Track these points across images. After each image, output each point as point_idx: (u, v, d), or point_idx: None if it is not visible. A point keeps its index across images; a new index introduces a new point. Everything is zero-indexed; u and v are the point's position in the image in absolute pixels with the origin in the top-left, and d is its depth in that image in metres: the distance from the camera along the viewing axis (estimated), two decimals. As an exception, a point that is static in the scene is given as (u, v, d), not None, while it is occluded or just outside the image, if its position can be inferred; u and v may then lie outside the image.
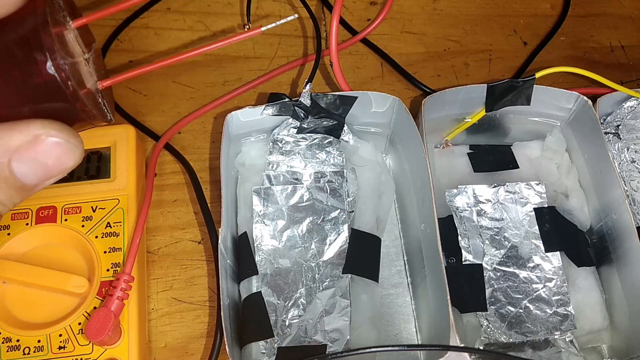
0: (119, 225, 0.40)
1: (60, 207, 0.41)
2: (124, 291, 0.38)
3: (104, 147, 0.43)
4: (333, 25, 0.42)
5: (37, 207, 0.41)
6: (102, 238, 0.40)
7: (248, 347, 0.39)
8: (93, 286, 0.39)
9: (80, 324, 0.38)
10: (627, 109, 0.47)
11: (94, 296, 0.38)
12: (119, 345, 0.38)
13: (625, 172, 0.46)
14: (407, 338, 0.43)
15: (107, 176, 0.42)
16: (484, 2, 0.58)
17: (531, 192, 0.44)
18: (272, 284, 0.41)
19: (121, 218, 0.41)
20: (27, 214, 0.40)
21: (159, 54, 0.53)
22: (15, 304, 0.38)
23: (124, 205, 0.41)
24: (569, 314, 0.41)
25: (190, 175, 0.46)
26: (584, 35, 0.56)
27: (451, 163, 0.47)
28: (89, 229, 0.40)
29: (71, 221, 0.40)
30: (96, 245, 0.40)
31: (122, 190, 0.42)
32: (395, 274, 0.45)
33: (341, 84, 0.44)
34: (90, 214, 0.41)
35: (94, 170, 0.42)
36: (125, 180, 0.42)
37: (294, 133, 0.45)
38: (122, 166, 0.42)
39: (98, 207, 0.41)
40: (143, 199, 0.42)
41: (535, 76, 0.44)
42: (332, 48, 0.43)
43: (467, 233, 0.43)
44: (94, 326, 0.36)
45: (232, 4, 0.56)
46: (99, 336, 0.36)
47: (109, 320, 0.36)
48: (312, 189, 0.43)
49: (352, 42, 0.53)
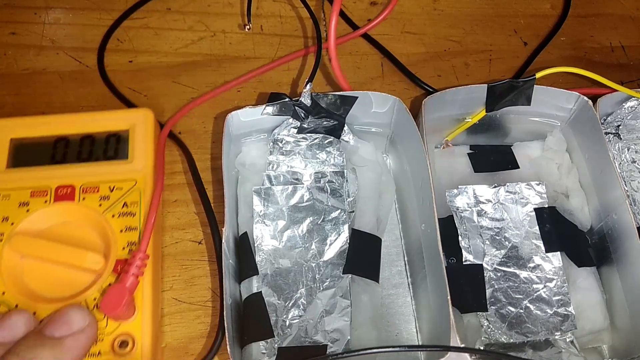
0: (136, 205, 0.41)
1: (79, 186, 0.42)
2: (139, 268, 0.39)
3: (123, 130, 0.44)
4: (333, 19, 0.42)
5: (56, 185, 0.41)
6: (118, 217, 0.41)
7: (248, 347, 0.39)
8: (109, 263, 0.39)
9: (95, 299, 0.38)
10: (628, 109, 0.47)
11: (110, 273, 0.39)
12: (133, 320, 0.38)
13: (626, 172, 0.46)
14: (407, 338, 0.42)
15: (125, 158, 0.43)
16: (484, 2, 0.58)
17: (531, 192, 0.44)
18: (272, 284, 0.41)
19: (138, 198, 0.41)
20: (46, 192, 0.41)
21: (159, 54, 0.53)
22: (32, 279, 0.39)
23: (141, 186, 0.42)
24: (570, 314, 0.41)
25: (194, 175, 0.46)
26: (584, 36, 0.56)
27: (451, 163, 0.47)
28: (106, 208, 0.41)
29: (89, 200, 0.41)
30: (112, 224, 0.40)
31: (140, 171, 0.42)
32: (395, 274, 0.45)
33: (339, 78, 0.44)
34: (108, 193, 0.41)
35: (112, 151, 0.43)
36: (142, 162, 0.43)
37: (295, 133, 0.45)
38: (140, 148, 0.43)
39: (115, 187, 0.42)
40: (156, 180, 0.42)
41: (535, 76, 0.44)
42: (330, 42, 0.43)
43: (467, 233, 0.43)
44: (109, 300, 0.37)
45: (232, 4, 0.56)
46: (114, 310, 0.36)
47: (124, 295, 0.37)
48: (312, 189, 0.43)
49: (352, 36, 0.53)
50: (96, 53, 0.52)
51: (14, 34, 0.53)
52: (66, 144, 0.43)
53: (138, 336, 0.38)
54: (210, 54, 0.53)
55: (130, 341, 0.37)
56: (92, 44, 0.53)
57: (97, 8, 0.55)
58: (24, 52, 0.52)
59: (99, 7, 0.55)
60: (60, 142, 0.43)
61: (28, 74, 0.51)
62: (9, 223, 0.40)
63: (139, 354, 0.37)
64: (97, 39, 0.53)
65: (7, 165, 0.42)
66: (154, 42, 0.53)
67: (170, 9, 0.55)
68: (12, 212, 0.40)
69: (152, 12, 0.55)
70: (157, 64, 0.52)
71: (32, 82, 0.50)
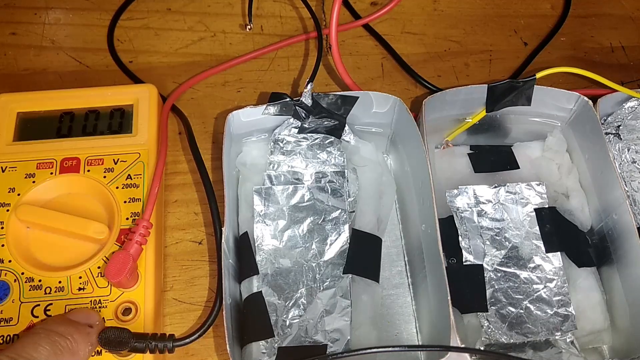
0: (139, 178, 0.42)
1: (84, 159, 0.43)
2: (142, 236, 0.39)
3: (127, 105, 0.46)
4: (335, 5, 0.42)
5: (61, 157, 0.43)
6: (122, 189, 0.42)
7: (248, 346, 0.39)
8: (113, 233, 0.40)
9: (100, 268, 0.39)
10: (628, 109, 0.47)
11: (113, 242, 0.40)
12: (135, 289, 0.39)
13: (626, 173, 0.46)
14: (407, 338, 0.42)
15: (130, 131, 0.44)
16: (484, 3, 0.58)
17: (532, 193, 0.44)
18: (272, 283, 0.41)
19: (141, 171, 0.43)
20: (51, 163, 0.42)
21: (159, 54, 0.53)
22: (38, 248, 0.40)
23: (145, 159, 0.43)
24: (570, 315, 0.41)
25: (202, 175, 0.45)
26: (584, 36, 0.57)
27: (452, 163, 0.47)
28: (110, 180, 0.42)
29: (93, 172, 0.42)
30: (117, 195, 0.42)
31: (143, 145, 0.44)
32: (395, 274, 0.45)
33: (339, 66, 0.44)
34: (112, 166, 0.43)
35: (116, 125, 0.45)
36: (146, 135, 0.44)
37: (295, 133, 0.45)
38: (144, 123, 0.45)
39: (119, 159, 0.43)
40: (159, 153, 0.43)
41: (535, 76, 0.44)
42: (332, 28, 0.43)
43: (467, 233, 0.43)
44: (113, 267, 0.37)
45: (232, 4, 0.56)
46: (117, 277, 0.37)
47: (128, 262, 0.38)
48: (313, 189, 0.43)
49: (354, 25, 0.54)
50: (96, 53, 0.52)
51: (14, 34, 0.53)
52: (71, 118, 0.45)
53: (141, 303, 0.39)
54: (211, 54, 0.53)
55: (133, 308, 0.39)
56: (92, 44, 0.53)
57: (97, 8, 0.55)
58: (24, 52, 0.52)
59: (99, 7, 0.55)
60: (65, 117, 0.45)
61: (28, 74, 0.51)
62: (15, 194, 0.41)
63: (142, 320, 0.38)
64: (97, 39, 0.53)
65: (13, 139, 0.44)
66: (154, 42, 0.53)
67: (170, 9, 0.55)
68: (18, 183, 0.41)
69: (152, 12, 0.55)
70: (158, 64, 0.52)
71: (32, 82, 0.50)
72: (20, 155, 0.43)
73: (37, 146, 0.43)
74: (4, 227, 0.40)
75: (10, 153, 0.43)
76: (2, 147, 0.43)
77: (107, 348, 0.36)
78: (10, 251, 0.39)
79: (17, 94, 0.45)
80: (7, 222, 0.40)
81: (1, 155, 0.43)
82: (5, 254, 0.39)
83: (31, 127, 0.44)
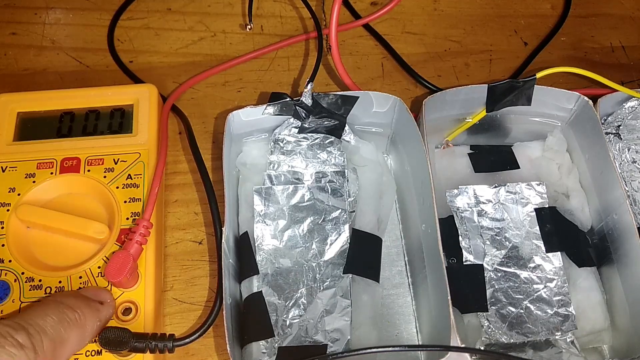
0: (139, 178, 0.42)
1: (84, 159, 0.43)
2: (142, 236, 0.39)
3: (127, 105, 0.46)
4: (336, 4, 0.42)
5: (61, 157, 0.43)
6: (122, 189, 0.42)
7: (249, 346, 0.39)
8: (113, 233, 0.40)
9: (100, 268, 0.39)
10: (628, 109, 0.47)
11: (114, 242, 0.40)
12: (135, 288, 0.39)
13: (626, 173, 0.46)
14: (407, 338, 0.42)
15: (130, 131, 0.44)
16: (484, 3, 0.58)
17: (532, 193, 0.44)
18: (272, 283, 0.41)
19: (141, 171, 0.43)
20: (52, 163, 0.42)
21: (159, 54, 0.53)
22: (38, 248, 0.40)
23: (145, 159, 0.43)
24: (570, 315, 0.41)
25: (202, 175, 0.45)
26: (584, 36, 0.57)
27: (452, 163, 0.47)
28: (111, 180, 0.42)
29: (94, 172, 0.43)
30: (117, 195, 0.42)
31: (143, 145, 0.44)
32: (396, 274, 0.45)
33: (338, 66, 0.44)
34: (112, 165, 0.43)
35: (116, 125, 0.45)
36: (146, 135, 0.44)
37: (295, 133, 0.45)
38: (144, 123, 0.45)
39: (120, 159, 0.43)
40: (159, 153, 0.43)
41: (535, 76, 0.44)
42: (332, 28, 0.43)
43: (467, 233, 0.43)
44: (113, 267, 0.37)
45: (232, 4, 0.56)
46: (117, 277, 0.37)
47: (128, 261, 0.38)
48: (313, 189, 0.43)
49: (354, 25, 0.54)
50: (96, 53, 0.52)
51: (14, 34, 0.53)
52: (72, 118, 0.45)
53: (141, 303, 0.39)
54: (211, 54, 0.53)
55: (133, 308, 0.39)
56: (92, 44, 0.53)
57: (97, 8, 0.55)
58: (24, 52, 0.52)
59: (99, 7, 0.55)
60: (65, 116, 0.45)
61: (28, 74, 0.51)
62: (15, 194, 0.41)
63: (142, 320, 0.38)
64: (97, 39, 0.53)
65: (14, 139, 0.44)
66: (155, 42, 0.53)
67: (170, 9, 0.55)
68: (18, 183, 0.42)
69: (152, 12, 0.55)
70: (158, 64, 0.52)
71: (33, 82, 0.50)
72: (20, 155, 0.43)
73: (37, 146, 0.43)
74: (4, 227, 0.40)
75: (10, 153, 0.43)
76: (2, 147, 0.43)
77: (107, 348, 0.36)
78: (11, 251, 0.39)
79: (17, 94, 0.45)
80: (7, 222, 0.40)
81: (1, 155, 0.43)
82: (6, 254, 0.39)
83: (31, 127, 0.44)
